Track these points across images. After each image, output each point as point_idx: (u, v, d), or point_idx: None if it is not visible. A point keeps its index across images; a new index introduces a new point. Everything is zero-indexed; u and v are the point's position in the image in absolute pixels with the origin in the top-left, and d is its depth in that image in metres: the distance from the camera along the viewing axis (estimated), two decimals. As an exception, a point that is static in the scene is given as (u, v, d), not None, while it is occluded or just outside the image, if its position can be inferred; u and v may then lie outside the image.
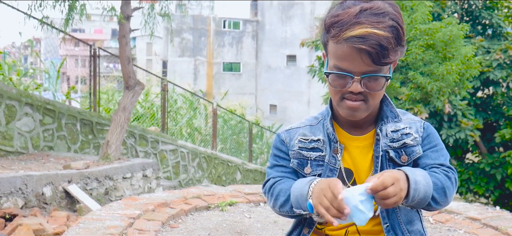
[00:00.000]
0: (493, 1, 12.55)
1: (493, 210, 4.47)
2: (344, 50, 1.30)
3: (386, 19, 1.29)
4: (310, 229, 1.51)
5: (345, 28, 1.29)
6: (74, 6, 6.60)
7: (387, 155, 1.45)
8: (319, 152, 1.49)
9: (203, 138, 13.33)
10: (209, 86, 37.05)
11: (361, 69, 1.31)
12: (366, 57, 1.29)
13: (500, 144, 11.93)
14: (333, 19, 1.32)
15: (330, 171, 1.47)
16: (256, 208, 4.48)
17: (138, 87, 7.16)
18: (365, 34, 1.27)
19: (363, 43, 1.27)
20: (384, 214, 1.45)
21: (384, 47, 1.27)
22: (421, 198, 1.32)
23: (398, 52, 1.32)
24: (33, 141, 7.62)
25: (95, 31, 51.17)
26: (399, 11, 1.34)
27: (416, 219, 1.52)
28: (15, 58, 14.31)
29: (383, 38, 1.27)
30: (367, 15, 1.28)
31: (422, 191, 1.31)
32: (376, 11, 1.29)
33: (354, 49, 1.28)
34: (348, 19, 1.29)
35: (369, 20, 1.28)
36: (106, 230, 3.43)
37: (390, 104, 1.49)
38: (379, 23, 1.27)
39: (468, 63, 9.85)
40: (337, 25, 1.31)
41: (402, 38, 1.32)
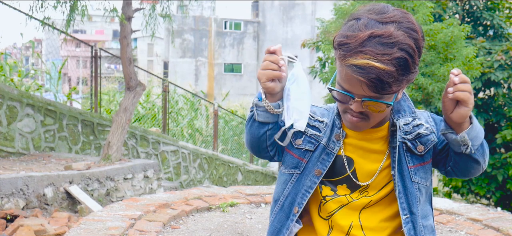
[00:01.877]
0: (495, 2, 12.54)
1: (495, 211, 4.46)
2: (346, 74, 1.29)
3: (394, 50, 1.23)
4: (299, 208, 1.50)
5: (348, 55, 1.26)
6: (76, 7, 6.60)
7: (404, 146, 1.44)
8: (316, 131, 1.49)
9: (204, 139, 13.34)
10: (210, 87, 37.06)
11: (362, 93, 1.30)
12: (365, 87, 1.27)
13: (501, 145, 11.91)
14: (342, 40, 1.29)
15: (327, 154, 1.46)
16: (257, 209, 4.48)
17: (139, 88, 7.16)
18: (365, 66, 1.23)
19: (362, 74, 1.24)
20: (404, 205, 1.44)
21: (383, 81, 1.24)
22: (480, 129, 1.37)
23: (403, 82, 1.27)
24: (34, 142, 7.62)
25: (96, 32, 51.21)
26: (415, 36, 1.28)
27: (429, 214, 1.52)
28: (16, 59, 14.31)
29: (383, 72, 1.23)
30: (374, 44, 1.24)
31: (478, 129, 1.36)
32: (385, 41, 1.24)
33: (355, 77, 1.26)
34: (354, 46, 1.25)
35: (373, 51, 1.23)
36: (107, 231, 3.43)
37: (408, 100, 1.48)
38: (384, 56, 1.23)
39: (469, 64, 9.84)
40: (343, 49, 1.27)
41: (411, 67, 1.26)
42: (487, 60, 11.41)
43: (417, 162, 1.45)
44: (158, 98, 13.47)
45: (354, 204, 1.47)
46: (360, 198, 1.47)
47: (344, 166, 1.46)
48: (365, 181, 1.46)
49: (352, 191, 1.47)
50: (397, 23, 1.27)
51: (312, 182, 1.48)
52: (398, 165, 1.44)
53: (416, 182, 1.45)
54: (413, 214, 1.45)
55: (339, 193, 1.48)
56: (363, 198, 1.47)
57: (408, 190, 1.44)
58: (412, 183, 1.45)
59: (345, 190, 1.48)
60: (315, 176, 1.48)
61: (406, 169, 1.45)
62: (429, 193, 1.52)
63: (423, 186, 1.47)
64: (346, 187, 1.48)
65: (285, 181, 1.53)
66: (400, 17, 1.29)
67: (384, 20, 1.27)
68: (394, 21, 1.27)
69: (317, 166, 1.47)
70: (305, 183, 1.49)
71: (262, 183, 12.10)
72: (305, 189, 1.49)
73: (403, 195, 1.44)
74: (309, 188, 1.48)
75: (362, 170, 1.46)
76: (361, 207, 1.47)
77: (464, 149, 1.37)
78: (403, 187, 1.45)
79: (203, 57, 37.35)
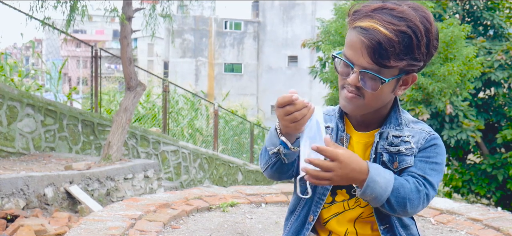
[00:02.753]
0: (495, 2, 12.54)
1: (495, 211, 4.46)
2: (351, 38, 1.32)
3: (402, 23, 1.26)
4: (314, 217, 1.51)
5: (357, 18, 1.31)
6: (76, 7, 6.60)
7: (381, 158, 1.44)
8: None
9: (204, 139, 13.34)
10: (211, 87, 37.07)
11: (361, 62, 1.30)
12: (365, 52, 1.29)
13: (501, 145, 11.91)
14: (356, 7, 1.34)
15: None
16: (258, 209, 4.48)
17: (139, 88, 7.16)
18: (369, 28, 1.27)
19: (364, 35, 1.27)
20: (382, 215, 1.45)
21: (383, 46, 1.26)
22: (373, 197, 1.32)
23: (403, 59, 1.28)
24: (34, 142, 7.62)
25: (97, 32, 51.21)
26: (427, 26, 1.30)
27: (411, 224, 1.51)
28: (16, 59, 14.32)
29: (385, 38, 1.25)
30: (384, 13, 1.28)
31: (376, 191, 1.31)
32: (396, 14, 1.28)
33: (358, 39, 1.29)
34: (365, 11, 1.30)
35: (381, 17, 1.27)
36: (107, 231, 3.43)
37: (398, 112, 1.47)
38: (390, 24, 1.26)
39: (470, 64, 9.84)
40: (354, 14, 1.32)
41: (415, 49, 1.28)
42: (487, 60, 11.41)
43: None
44: (158, 98, 13.47)
45: (349, 213, 1.48)
46: (355, 206, 1.48)
47: None
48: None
49: (350, 197, 1.48)
50: (413, 9, 1.31)
51: (324, 189, 1.49)
52: None
53: None
54: (391, 224, 1.46)
55: (337, 199, 1.49)
56: (357, 208, 1.48)
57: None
58: None
59: (344, 195, 1.49)
60: None
61: None
62: None
63: None
64: (345, 192, 1.48)
65: (301, 193, 1.53)
66: (418, 7, 1.33)
67: (402, 3, 1.32)
68: (410, 7, 1.32)
69: None
70: (318, 191, 1.50)
71: (263, 183, 12.09)
72: (319, 197, 1.50)
73: None
74: (322, 196, 1.49)
75: None
76: (354, 219, 1.49)
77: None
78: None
79: (203, 57, 37.36)
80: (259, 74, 37.96)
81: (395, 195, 1.34)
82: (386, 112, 1.46)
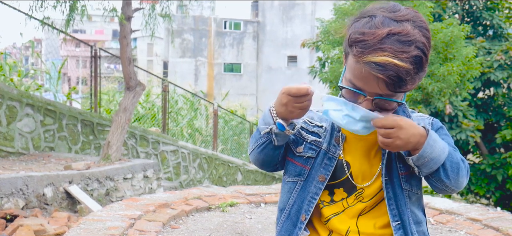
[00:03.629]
0: (494, 2, 12.54)
1: (494, 211, 4.46)
2: (361, 72, 1.28)
3: (412, 48, 1.24)
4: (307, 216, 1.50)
5: (367, 52, 1.25)
6: (75, 6, 6.60)
7: (396, 153, 1.43)
8: (316, 137, 1.49)
9: (204, 138, 13.34)
10: (210, 87, 37.06)
11: (376, 91, 1.30)
12: (382, 85, 1.27)
13: (501, 145, 11.92)
14: (358, 36, 1.27)
15: (329, 159, 1.47)
16: (257, 209, 4.48)
17: (139, 88, 7.16)
18: (385, 63, 1.23)
19: (382, 72, 1.24)
20: (395, 211, 1.44)
21: (402, 79, 1.24)
22: (433, 158, 1.33)
23: (416, 80, 1.29)
24: (34, 142, 7.62)
25: (96, 32, 51.20)
26: (428, 35, 1.30)
27: (423, 221, 1.51)
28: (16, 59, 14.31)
29: (403, 69, 1.23)
30: (393, 41, 1.24)
31: (435, 152, 1.33)
32: (404, 38, 1.25)
33: (371, 74, 1.26)
34: (372, 43, 1.24)
35: (393, 49, 1.23)
36: (107, 231, 3.43)
37: (403, 105, 1.47)
38: (403, 53, 1.23)
39: (469, 64, 9.84)
40: (361, 46, 1.26)
41: (425, 65, 1.29)
42: (487, 60, 11.42)
43: (408, 170, 1.44)
44: (158, 98, 13.48)
45: (350, 210, 1.47)
46: (356, 203, 1.47)
47: (343, 169, 1.46)
48: (362, 184, 1.45)
49: (349, 194, 1.47)
50: (412, 21, 1.29)
51: (317, 188, 1.48)
52: (389, 171, 1.44)
53: (406, 190, 1.44)
54: (404, 221, 1.45)
55: (335, 199, 1.48)
56: (359, 203, 1.46)
57: (398, 197, 1.44)
58: (402, 190, 1.44)
59: (342, 193, 1.48)
60: (320, 182, 1.47)
61: (396, 175, 1.44)
62: (421, 200, 1.52)
63: (413, 194, 1.46)
64: (342, 191, 1.48)
65: (290, 190, 1.53)
66: (413, 16, 1.30)
67: (399, 18, 1.29)
68: (409, 20, 1.29)
69: (321, 172, 1.47)
70: (310, 190, 1.49)
71: (262, 183, 12.10)
72: (311, 196, 1.49)
73: (393, 201, 1.44)
74: (315, 195, 1.48)
75: (360, 173, 1.46)
76: (358, 213, 1.47)
77: (415, 171, 1.39)
78: (393, 194, 1.44)
79: (203, 57, 37.35)
80: (258, 74, 37.97)
81: (450, 160, 1.35)
82: None
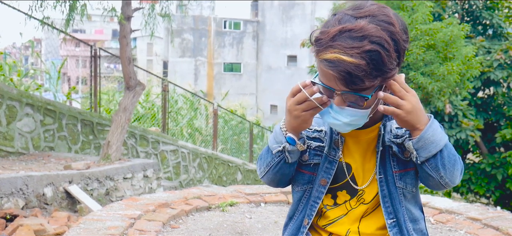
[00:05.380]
0: (494, 1, 12.55)
1: (494, 211, 4.46)
2: (321, 69, 1.30)
3: (365, 43, 1.22)
4: (309, 220, 1.51)
5: (321, 50, 1.26)
6: (75, 6, 6.60)
7: (390, 150, 1.44)
8: (319, 142, 1.49)
9: (203, 138, 13.34)
10: (210, 87, 37.06)
11: (337, 87, 1.29)
12: (338, 82, 1.27)
13: (500, 144, 11.93)
14: (317, 35, 1.30)
15: (330, 162, 1.47)
16: (257, 209, 4.48)
17: (138, 87, 7.16)
18: (334, 60, 1.23)
19: (332, 68, 1.24)
20: (390, 209, 1.44)
21: (352, 74, 1.23)
22: (433, 140, 1.32)
23: (378, 78, 1.25)
24: (33, 142, 7.62)
25: (96, 32, 51.19)
26: (391, 29, 1.26)
27: (420, 218, 1.51)
28: (16, 59, 14.32)
29: (352, 65, 1.22)
30: (344, 38, 1.23)
31: (435, 137, 1.33)
32: (355, 34, 1.23)
33: (327, 72, 1.27)
34: (325, 41, 1.26)
35: (342, 45, 1.23)
36: (106, 231, 3.43)
37: None
38: (352, 49, 1.22)
39: (469, 63, 9.84)
40: (317, 44, 1.28)
41: (386, 60, 1.24)
42: (487, 59, 11.43)
43: (402, 168, 1.44)
44: (158, 97, 13.47)
45: (353, 213, 1.47)
46: (358, 205, 1.47)
47: (343, 172, 1.47)
48: (362, 184, 1.46)
49: (352, 197, 1.47)
50: (371, 17, 1.27)
51: (319, 192, 1.49)
52: (383, 169, 1.44)
53: (400, 188, 1.44)
54: (399, 219, 1.45)
55: (338, 201, 1.49)
56: (361, 205, 1.47)
57: (393, 195, 1.44)
58: (396, 188, 1.44)
59: (345, 196, 1.48)
60: (321, 186, 1.48)
61: (390, 173, 1.44)
62: (417, 198, 1.51)
63: (408, 192, 1.46)
64: (346, 193, 1.48)
65: (299, 198, 1.54)
66: (376, 11, 1.28)
67: (358, 14, 1.28)
68: (369, 15, 1.27)
69: (322, 176, 1.48)
70: (313, 194, 1.50)
71: (262, 182, 12.09)
72: (313, 200, 1.50)
73: (388, 199, 1.44)
74: (316, 199, 1.49)
75: (360, 175, 1.46)
76: (360, 216, 1.47)
77: (413, 157, 1.37)
78: (388, 192, 1.44)
79: (203, 56, 37.35)
80: (258, 74, 37.96)
81: (448, 149, 1.36)
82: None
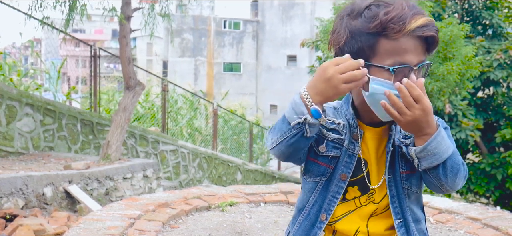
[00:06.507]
0: (494, 1, 12.54)
1: (494, 210, 4.47)
2: (406, 43, 1.29)
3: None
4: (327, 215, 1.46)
5: (408, 21, 1.28)
6: (75, 6, 6.60)
7: (400, 150, 1.43)
8: (338, 135, 1.44)
9: (203, 138, 13.34)
10: (210, 87, 37.06)
11: (419, 58, 1.32)
12: (423, 47, 1.32)
13: (500, 144, 11.92)
14: (387, 17, 1.28)
15: (349, 156, 1.43)
16: (257, 209, 4.48)
17: (138, 87, 7.16)
18: (427, 23, 1.30)
19: (428, 30, 1.29)
20: (398, 210, 1.44)
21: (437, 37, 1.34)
22: (436, 153, 1.31)
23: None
24: (33, 142, 7.62)
25: (96, 32, 51.17)
26: None
27: (422, 219, 1.51)
28: (15, 59, 14.33)
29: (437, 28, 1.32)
30: (415, 6, 1.31)
31: (442, 147, 1.31)
32: (412, 3, 1.32)
33: (417, 39, 1.30)
34: (405, 13, 1.28)
35: (422, 11, 1.31)
36: (106, 231, 3.43)
37: None
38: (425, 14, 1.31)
39: (469, 63, 9.83)
40: (397, 20, 1.28)
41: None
42: (486, 59, 11.42)
43: (409, 169, 1.43)
44: (157, 97, 13.47)
45: (362, 210, 1.46)
46: (368, 203, 1.45)
47: (360, 167, 1.44)
48: (375, 183, 1.45)
49: (362, 194, 1.45)
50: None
51: (339, 187, 1.44)
52: (392, 169, 1.43)
53: (406, 188, 1.44)
54: (406, 219, 1.45)
55: (348, 197, 1.46)
56: (371, 204, 1.45)
57: (400, 195, 1.44)
58: (402, 189, 1.44)
59: (356, 192, 1.46)
60: (341, 180, 1.44)
61: (398, 174, 1.44)
62: (420, 199, 1.52)
63: (412, 193, 1.46)
64: (357, 189, 1.46)
65: (311, 189, 1.49)
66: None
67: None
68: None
69: (342, 170, 1.44)
70: (331, 189, 1.45)
71: (262, 182, 12.09)
72: (332, 195, 1.45)
73: (396, 199, 1.44)
74: (336, 194, 1.45)
75: (374, 173, 1.45)
76: (369, 214, 1.46)
77: (414, 163, 1.37)
78: (396, 192, 1.44)
79: (202, 56, 37.34)
80: (258, 74, 37.96)
81: (452, 160, 1.34)
82: None
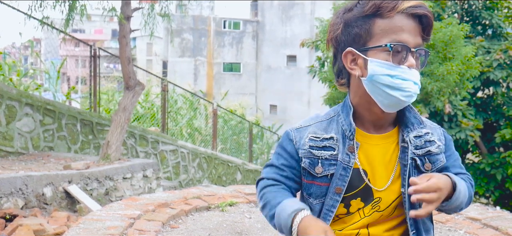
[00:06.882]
0: (493, 1, 12.54)
1: (494, 210, 4.47)
2: (401, 21, 1.32)
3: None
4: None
5: (397, 3, 1.32)
6: (74, 6, 6.60)
7: (414, 163, 1.42)
8: (331, 151, 1.41)
9: (203, 138, 13.33)
10: (209, 87, 37.05)
11: (416, 41, 1.33)
12: (418, 27, 1.34)
13: (500, 144, 11.92)
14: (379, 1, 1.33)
15: (344, 169, 1.40)
16: (256, 209, 4.47)
17: (138, 87, 7.16)
18: (420, 4, 1.33)
19: (420, 9, 1.32)
20: (412, 221, 1.44)
21: (431, 18, 1.36)
22: (456, 206, 1.39)
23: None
24: (33, 142, 7.62)
25: (95, 32, 51.17)
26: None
27: (431, 229, 1.53)
28: (15, 59, 14.33)
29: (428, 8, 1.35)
30: None
31: (459, 200, 1.38)
32: None
33: (410, 17, 1.32)
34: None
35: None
36: (106, 231, 3.43)
37: (413, 110, 1.45)
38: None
39: (468, 63, 9.83)
40: (387, 3, 1.32)
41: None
42: (486, 59, 11.42)
43: None
44: (157, 97, 13.47)
45: (366, 220, 1.44)
46: (372, 213, 1.43)
47: (358, 178, 1.41)
48: (381, 186, 1.43)
49: (366, 204, 1.43)
50: None
51: (334, 201, 1.42)
52: (407, 182, 1.42)
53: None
54: (419, 230, 1.47)
55: (351, 210, 1.44)
56: (375, 213, 1.44)
57: (415, 207, 1.42)
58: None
59: (359, 203, 1.43)
60: (336, 194, 1.42)
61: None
62: None
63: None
64: (359, 201, 1.43)
65: (320, 211, 1.46)
66: None
67: None
68: None
69: (337, 183, 1.41)
70: (327, 203, 1.43)
71: (261, 182, 12.08)
72: (328, 209, 1.43)
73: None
74: (331, 208, 1.43)
75: (378, 180, 1.43)
76: (372, 222, 1.46)
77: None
78: (409, 205, 1.42)
79: (202, 56, 37.33)
80: (258, 74, 37.95)
81: (467, 201, 1.44)
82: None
